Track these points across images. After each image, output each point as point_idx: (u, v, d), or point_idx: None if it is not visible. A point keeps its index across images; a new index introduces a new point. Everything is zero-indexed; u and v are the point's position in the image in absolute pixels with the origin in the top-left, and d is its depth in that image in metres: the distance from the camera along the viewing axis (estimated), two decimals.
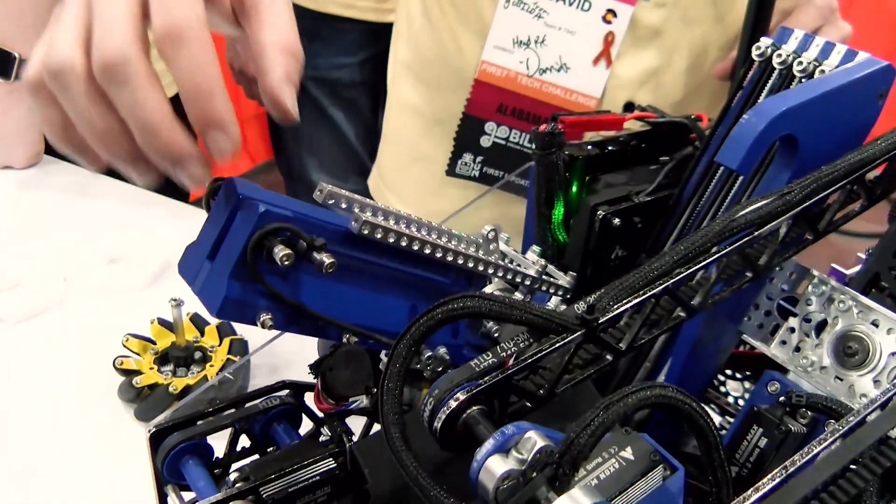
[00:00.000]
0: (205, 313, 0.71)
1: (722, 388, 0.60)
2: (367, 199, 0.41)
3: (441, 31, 0.86)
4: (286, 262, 0.36)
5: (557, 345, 0.36)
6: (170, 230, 0.89)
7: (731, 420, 0.55)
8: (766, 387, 0.45)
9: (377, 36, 1.15)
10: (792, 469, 0.34)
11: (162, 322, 0.69)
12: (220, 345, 0.69)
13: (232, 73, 1.22)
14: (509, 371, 0.35)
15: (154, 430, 0.46)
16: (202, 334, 0.70)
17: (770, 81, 0.50)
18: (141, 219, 0.92)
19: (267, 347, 0.72)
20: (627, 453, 0.34)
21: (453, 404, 0.35)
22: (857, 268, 0.55)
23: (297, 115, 0.41)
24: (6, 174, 0.98)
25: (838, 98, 0.45)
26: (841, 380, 0.44)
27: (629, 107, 0.56)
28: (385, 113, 0.98)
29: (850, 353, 0.44)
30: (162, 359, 0.67)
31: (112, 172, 0.97)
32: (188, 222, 0.93)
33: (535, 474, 0.32)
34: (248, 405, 0.49)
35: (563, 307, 0.53)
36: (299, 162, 1.27)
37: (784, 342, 0.47)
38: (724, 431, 0.46)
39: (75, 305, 0.78)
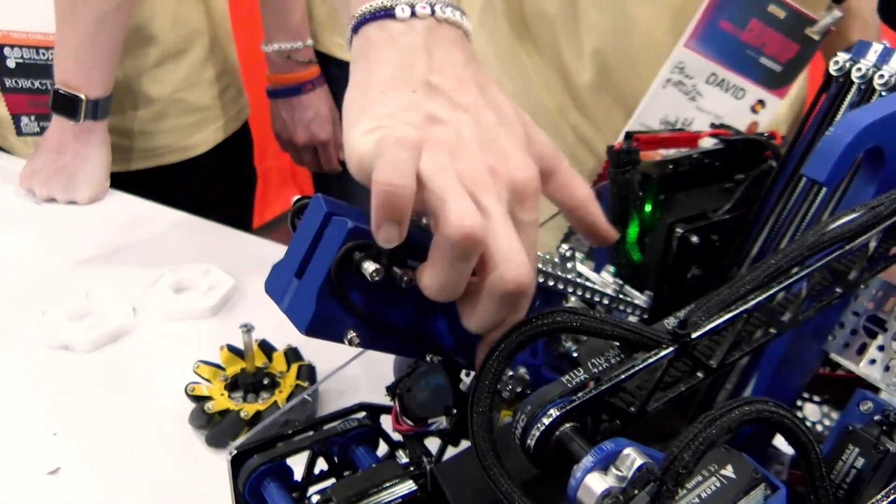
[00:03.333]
0: (273, 339, 0.72)
1: (799, 413, 0.59)
2: None
3: (526, 70, 0.85)
4: (376, 278, 0.36)
5: (650, 360, 0.36)
6: (233, 259, 0.90)
7: None
8: (858, 406, 0.43)
9: None
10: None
11: (231, 349, 0.70)
12: (288, 370, 0.69)
13: (279, 142, 1.23)
14: (604, 387, 0.35)
15: (235, 452, 0.46)
16: (270, 360, 0.70)
17: (849, 97, 0.50)
18: (205, 248, 0.94)
19: (333, 368, 0.72)
20: (728, 471, 0.34)
21: (547, 421, 0.34)
22: None
23: None
24: (72, 207, 1.01)
25: None
26: None
27: (713, 125, 0.56)
28: None
29: None
30: (232, 385, 0.68)
31: (176, 203, 1.00)
32: (250, 252, 0.94)
33: (636, 492, 0.31)
34: (325, 427, 0.49)
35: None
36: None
37: (873, 360, 0.45)
38: None
39: (144, 334, 0.79)
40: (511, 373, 0.45)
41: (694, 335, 0.36)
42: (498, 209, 0.38)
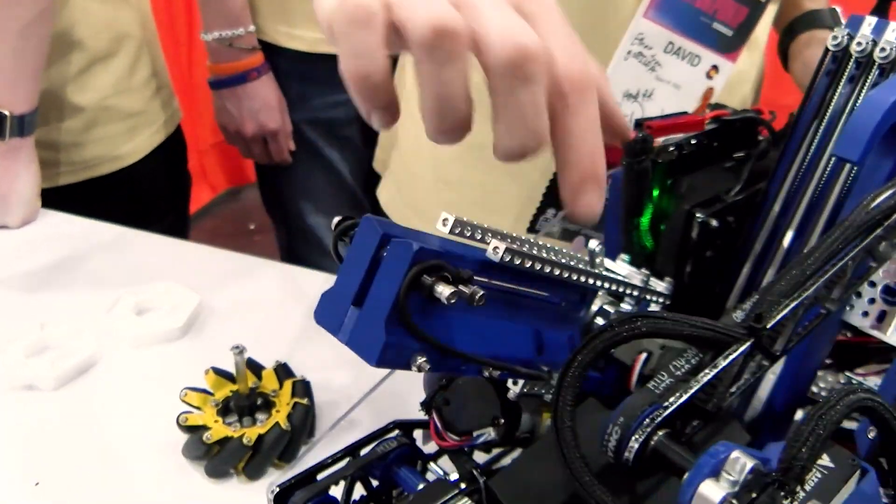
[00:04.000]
0: (260, 358, 0.69)
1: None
2: (488, 226, 0.40)
3: None
4: (452, 301, 0.34)
5: (732, 357, 0.35)
6: (191, 274, 0.86)
7: None
8: None
9: None
10: None
11: (218, 371, 0.66)
12: (281, 388, 0.66)
13: (225, 135, 1.18)
14: (694, 390, 0.34)
15: (277, 490, 0.44)
16: (260, 379, 0.67)
17: (847, 71, 0.50)
18: (158, 264, 0.89)
19: (324, 383, 0.70)
20: (826, 461, 0.34)
21: (645, 432, 0.33)
22: None
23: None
24: (3, 232, 0.94)
25: None
26: None
27: (712, 107, 0.56)
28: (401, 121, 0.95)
29: None
30: (223, 409, 0.64)
31: (111, 217, 0.94)
32: (207, 264, 0.90)
33: (753, 495, 0.31)
34: (364, 452, 0.47)
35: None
36: (295, 207, 1.23)
37: None
38: None
39: (113, 363, 0.74)
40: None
41: (769, 326, 0.36)
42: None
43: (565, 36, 0.35)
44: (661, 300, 0.51)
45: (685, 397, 0.34)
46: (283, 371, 0.67)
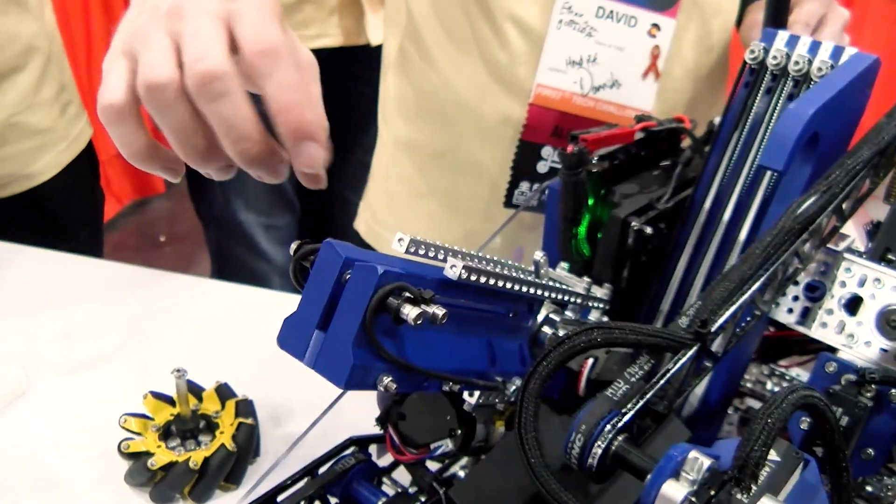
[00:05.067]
0: (199, 379, 0.68)
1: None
2: (440, 244, 0.41)
3: (441, 65, 0.85)
4: (419, 322, 0.35)
5: (682, 361, 0.37)
6: (115, 294, 0.84)
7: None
8: (824, 367, 0.48)
9: None
10: None
11: (156, 395, 0.65)
12: (223, 409, 0.65)
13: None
14: (649, 395, 0.36)
15: None
16: (200, 400, 0.66)
17: (764, 83, 0.54)
18: (78, 285, 0.86)
19: (265, 398, 0.69)
20: (772, 455, 0.36)
21: (606, 438, 0.35)
22: (847, 242, 0.59)
23: (326, 182, 0.43)
24: None
25: (847, 93, 0.49)
26: (886, 351, 0.48)
27: (639, 118, 0.58)
28: (376, 152, 0.96)
29: (895, 325, 0.47)
30: (165, 434, 0.63)
31: (22, 237, 0.90)
32: (131, 282, 0.87)
33: (712, 493, 0.33)
34: (322, 471, 0.48)
35: (606, 319, 0.54)
36: (224, 203, 1.22)
37: (825, 324, 0.50)
38: None
39: (41, 393, 0.71)
40: (513, 387, 0.45)
41: (713, 330, 0.38)
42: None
43: (254, 13, 0.40)
44: (601, 305, 0.53)
45: (641, 402, 0.36)
46: (224, 391, 0.67)
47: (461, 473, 0.53)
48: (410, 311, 0.35)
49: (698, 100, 0.89)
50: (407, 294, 0.35)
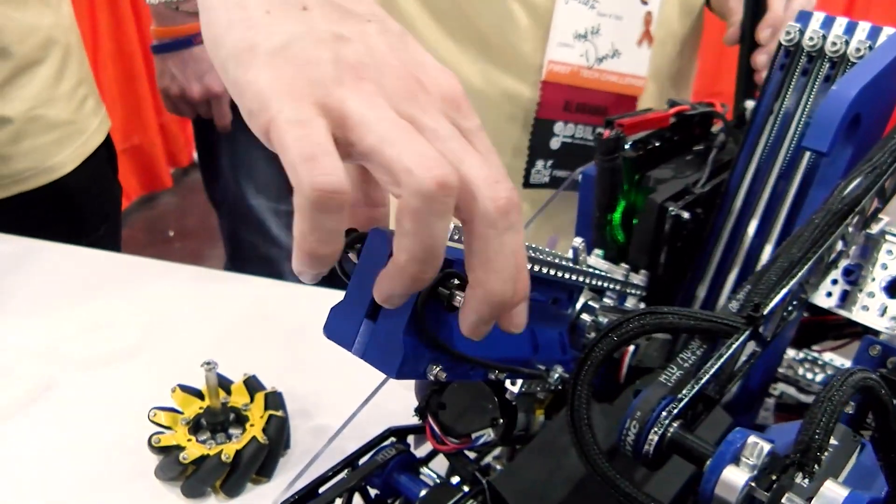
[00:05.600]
0: (224, 372, 0.67)
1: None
2: None
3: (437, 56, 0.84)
4: None
5: (735, 346, 0.37)
6: (138, 287, 0.83)
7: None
8: (868, 351, 0.47)
9: None
10: None
11: (185, 388, 0.64)
12: (252, 401, 0.65)
13: (165, 101, 1.15)
14: (704, 380, 0.36)
15: None
16: (229, 393, 0.66)
17: (800, 64, 0.53)
18: (102, 279, 0.86)
19: (291, 390, 0.69)
20: (832, 440, 0.36)
21: (662, 425, 0.34)
22: (881, 225, 0.59)
23: None
24: None
25: (887, 74, 0.48)
26: None
27: (671, 103, 0.57)
28: None
29: None
30: (194, 427, 0.63)
31: (43, 231, 0.90)
32: (153, 276, 0.87)
33: (774, 478, 0.32)
34: (361, 462, 0.47)
35: (643, 305, 0.54)
36: (236, 188, 1.22)
37: (866, 307, 0.49)
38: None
39: (67, 387, 0.71)
40: (556, 374, 0.45)
41: (765, 314, 0.38)
42: (446, 127, 0.32)
43: (493, 156, 0.34)
44: (638, 292, 0.53)
45: (697, 388, 0.36)
46: (253, 383, 0.66)
47: (496, 465, 0.53)
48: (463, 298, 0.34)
49: (681, 65, 0.90)
50: (457, 281, 0.35)
